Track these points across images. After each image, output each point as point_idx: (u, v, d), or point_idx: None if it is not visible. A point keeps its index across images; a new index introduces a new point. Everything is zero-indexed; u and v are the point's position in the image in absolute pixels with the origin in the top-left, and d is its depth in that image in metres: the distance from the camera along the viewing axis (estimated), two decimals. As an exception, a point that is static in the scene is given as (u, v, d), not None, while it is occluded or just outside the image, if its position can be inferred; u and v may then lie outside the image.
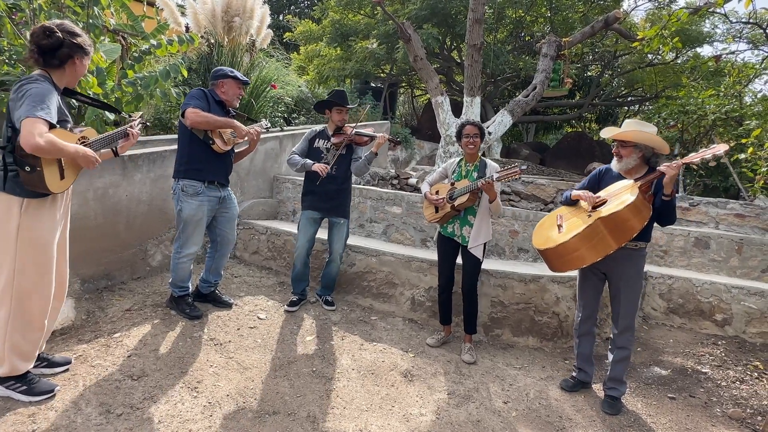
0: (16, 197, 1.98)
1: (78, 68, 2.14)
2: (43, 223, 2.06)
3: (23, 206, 1.99)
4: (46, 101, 1.91)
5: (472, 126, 3.17)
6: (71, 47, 2.07)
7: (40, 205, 2.04)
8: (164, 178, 3.77)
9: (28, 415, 2.05)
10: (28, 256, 2.03)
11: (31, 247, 2.03)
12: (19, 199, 1.98)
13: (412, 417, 2.46)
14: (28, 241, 2.02)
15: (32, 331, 2.13)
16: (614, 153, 2.68)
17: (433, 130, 10.75)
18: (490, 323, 3.55)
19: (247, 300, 3.62)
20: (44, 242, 2.07)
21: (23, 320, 2.09)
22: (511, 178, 2.82)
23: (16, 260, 2.02)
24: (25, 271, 2.04)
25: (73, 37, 2.08)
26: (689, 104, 6.81)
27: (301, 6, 19.70)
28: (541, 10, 10.28)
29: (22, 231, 2.00)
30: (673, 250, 4.54)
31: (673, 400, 2.91)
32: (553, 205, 5.45)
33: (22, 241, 2.01)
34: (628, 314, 2.67)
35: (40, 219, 2.04)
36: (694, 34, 9.46)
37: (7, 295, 2.05)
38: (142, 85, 4.31)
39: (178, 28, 6.14)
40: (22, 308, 2.07)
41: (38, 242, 2.05)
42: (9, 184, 1.98)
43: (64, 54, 2.06)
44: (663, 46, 4.16)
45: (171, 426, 2.12)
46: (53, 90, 2.01)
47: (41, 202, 2.04)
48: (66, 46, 2.06)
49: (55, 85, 2.09)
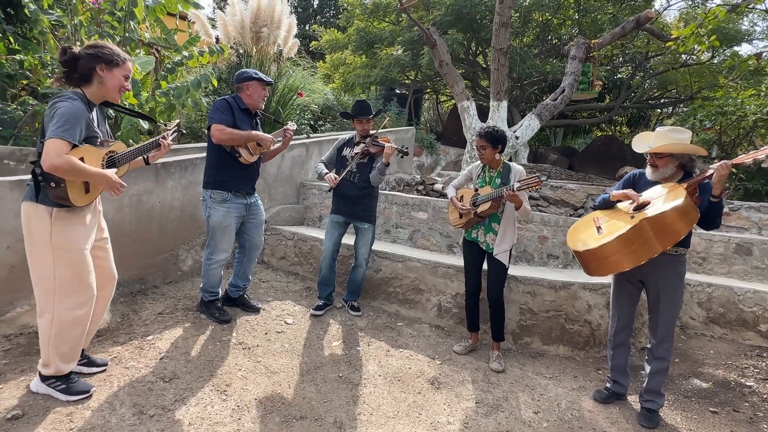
0: (46, 206, 2.07)
1: (107, 79, 2.15)
2: (74, 230, 2.14)
3: (53, 215, 2.08)
4: (72, 121, 1.98)
5: (479, 138, 3.09)
6: (88, 59, 2.10)
7: (69, 213, 2.12)
8: (195, 185, 3.87)
9: (66, 414, 2.12)
10: (64, 262, 2.11)
11: (65, 253, 2.11)
12: (49, 209, 2.07)
13: (439, 425, 2.42)
14: (62, 248, 2.10)
15: (75, 335, 2.21)
16: (649, 163, 2.59)
17: (458, 135, 10.69)
18: (519, 331, 3.47)
19: (275, 305, 3.66)
20: (78, 247, 2.15)
21: (67, 325, 2.17)
22: (532, 189, 2.76)
23: (54, 266, 2.10)
24: (63, 276, 2.12)
25: (89, 49, 2.13)
26: (728, 105, 6.53)
27: (326, 16, 20.01)
28: (568, 13, 10.10)
29: (55, 238, 2.08)
30: (712, 257, 4.34)
31: (715, 415, 2.76)
32: (583, 210, 5.31)
33: (57, 247, 2.09)
34: (667, 323, 2.55)
35: (70, 225, 2.12)
36: (732, 32, 9.07)
37: (50, 301, 2.13)
38: (174, 95, 4.45)
39: (209, 39, 6.33)
40: (66, 313, 2.15)
41: (72, 248, 2.13)
42: (40, 195, 2.08)
43: (84, 67, 2.10)
44: (699, 45, 4.00)
45: (201, 428, 2.15)
46: (82, 107, 2.06)
47: (70, 210, 2.12)
48: (83, 58, 2.10)
49: (89, 102, 2.15)
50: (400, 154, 3.42)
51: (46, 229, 2.07)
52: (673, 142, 2.45)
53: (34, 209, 2.08)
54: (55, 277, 2.11)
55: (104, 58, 2.13)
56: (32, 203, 2.08)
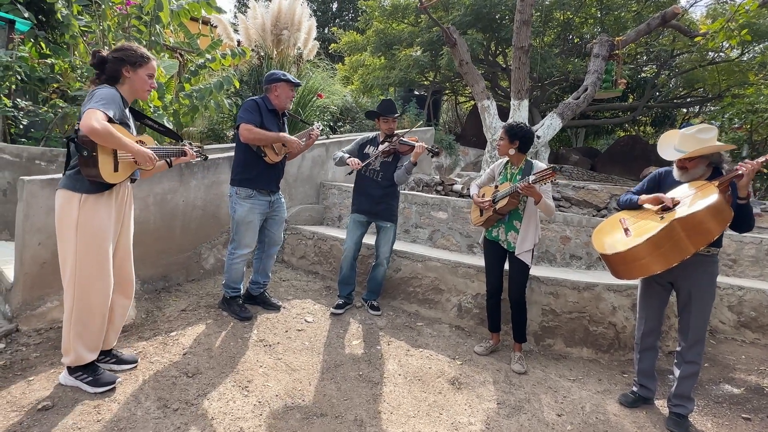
0: (76, 193, 2.14)
1: (134, 80, 2.26)
2: (100, 217, 2.19)
3: (81, 201, 2.14)
4: (109, 100, 2.09)
5: (501, 129, 3.11)
6: (114, 62, 2.22)
7: (97, 200, 2.18)
8: (217, 185, 3.93)
9: (94, 406, 2.17)
10: (87, 249, 2.17)
11: (89, 240, 2.17)
12: (78, 195, 2.14)
13: (461, 426, 2.39)
14: (86, 234, 2.16)
15: (94, 322, 2.26)
16: (678, 166, 2.50)
17: (477, 136, 10.61)
18: (541, 332, 3.41)
19: (295, 303, 3.68)
20: (102, 236, 2.20)
21: (86, 311, 2.22)
22: (547, 180, 2.71)
23: (77, 252, 2.16)
24: (84, 263, 2.18)
25: (115, 52, 2.26)
26: (759, 102, 6.31)
27: (345, 19, 20.13)
28: (590, 11, 9.91)
29: (81, 224, 2.15)
30: (743, 259, 4.20)
31: (748, 421, 2.66)
32: (606, 211, 5.20)
33: (81, 234, 2.15)
34: (698, 326, 2.47)
35: (97, 213, 2.18)
36: (762, 28, 8.75)
37: (71, 287, 2.20)
38: (197, 97, 4.54)
39: (231, 43, 6.44)
40: (84, 299, 2.21)
41: (96, 235, 2.18)
42: (69, 181, 2.16)
43: (111, 69, 2.23)
44: (729, 40, 3.88)
45: (223, 423, 2.18)
46: (117, 95, 2.18)
47: (98, 198, 2.18)
48: (109, 61, 2.22)
49: (123, 98, 2.25)
50: (431, 153, 3.41)
51: (74, 214, 2.14)
52: (705, 145, 2.36)
53: (64, 195, 2.16)
54: (76, 261, 2.17)
55: (128, 60, 2.24)
56: (64, 190, 2.16)
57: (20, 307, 2.74)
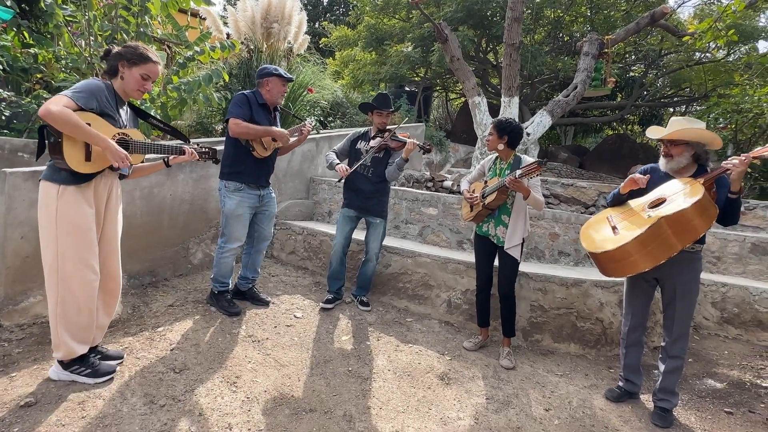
0: (54, 184, 2.11)
1: (127, 77, 2.25)
2: (79, 209, 2.15)
3: (59, 192, 2.10)
4: (84, 90, 2.08)
5: (491, 125, 3.12)
6: (115, 55, 2.26)
7: (76, 192, 2.14)
8: (205, 179, 3.89)
9: (78, 403, 2.13)
10: (67, 241, 2.13)
11: (68, 232, 2.13)
12: (57, 186, 2.10)
13: (449, 420, 2.40)
14: (66, 226, 2.12)
15: (81, 316, 2.22)
16: (663, 153, 2.54)
17: (467, 133, 10.63)
18: (530, 328, 3.44)
19: (284, 299, 3.66)
20: (82, 228, 2.16)
21: (70, 304, 2.19)
22: (533, 174, 2.74)
23: (58, 245, 2.13)
24: (66, 255, 2.14)
25: (122, 47, 2.28)
26: (744, 102, 6.42)
27: (336, 13, 19.99)
28: (580, 9, 9.97)
29: (60, 216, 2.11)
30: (727, 257, 4.27)
31: (730, 415, 2.71)
32: (594, 208, 5.25)
33: (61, 226, 2.12)
34: (683, 321, 2.51)
35: (76, 204, 2.14)
36: (749, 29, 8.89)
37: (54, 279, 2.16)
38: (185, 89, 4.47)
39: (220, 36, 6.35)
40: (68, 292, 2.17)
41: (77, 226, 2.14)
42: (49, 171, 2.13)
43: (111, 62, 2.27)
44: (716, 40, 3.93)
45: (211, 419, 2.16)
46: (101, 86, 2.17)
47: (77, 189, 2.14)
48: (112, 55, 2.27)
49: (116, 94, 2.26)
50: (422, 150, 3.40)
51: (53, 206, 2.10)
52: (691, 126, 2.40)
53: (45, 186, 2.13)
54: (58, 254, 2.13)
55: (126, 56, 2.24)
56: (44, 181, 2.13)
57: (2, 302, 2.69)
